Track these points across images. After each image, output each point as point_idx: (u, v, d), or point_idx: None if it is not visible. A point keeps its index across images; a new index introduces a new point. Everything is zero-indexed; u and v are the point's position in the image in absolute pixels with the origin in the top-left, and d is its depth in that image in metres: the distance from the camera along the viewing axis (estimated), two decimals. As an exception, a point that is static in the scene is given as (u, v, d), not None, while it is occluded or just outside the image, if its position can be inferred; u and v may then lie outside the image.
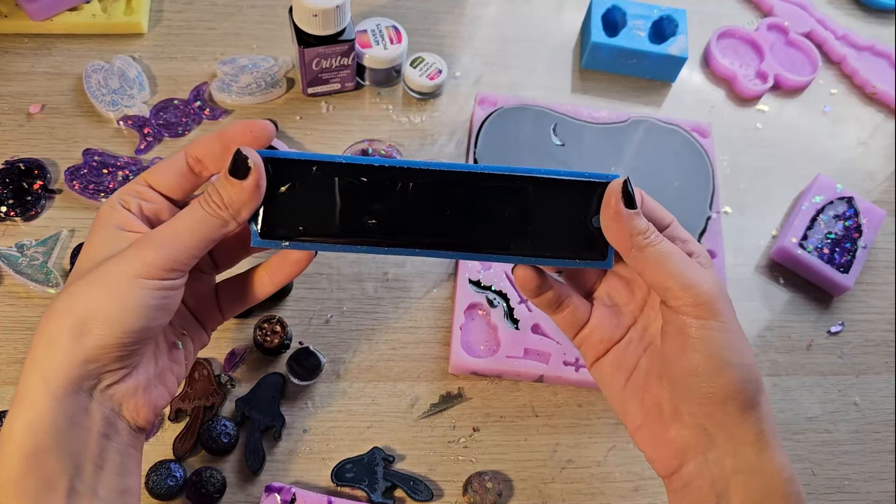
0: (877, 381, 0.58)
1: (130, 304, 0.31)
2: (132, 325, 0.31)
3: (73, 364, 0.31)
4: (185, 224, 0.33)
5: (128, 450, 0.34)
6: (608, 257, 0.35)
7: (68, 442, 0.31)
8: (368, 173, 0.33)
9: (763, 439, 0.33)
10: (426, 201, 0.34)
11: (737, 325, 0.34)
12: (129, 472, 0.34)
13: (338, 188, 0.34)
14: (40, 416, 0.30)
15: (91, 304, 0.31)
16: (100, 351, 0.31)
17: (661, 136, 0.63)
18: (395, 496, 0.49)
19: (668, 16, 0.68)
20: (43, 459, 0.30)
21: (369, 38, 0.62)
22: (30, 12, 0.61)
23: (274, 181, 0.33)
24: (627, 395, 0.37)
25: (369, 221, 0.33)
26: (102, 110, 0.59)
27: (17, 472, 0.30)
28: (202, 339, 0.39)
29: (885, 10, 0.77)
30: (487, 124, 0.61)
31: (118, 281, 0.31)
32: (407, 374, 0.53)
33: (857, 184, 0.66)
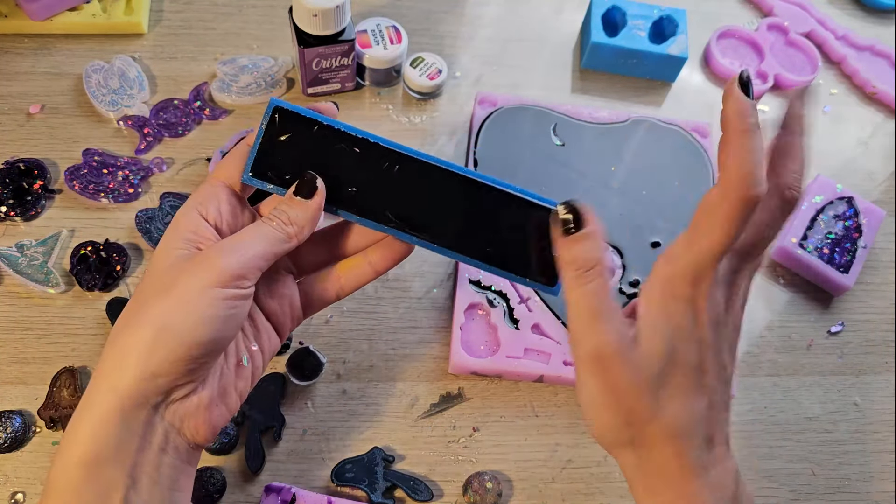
0: (877, 381, 0.58)
1: (202, 314, 0.31)
2: (202, 336, 0.32)
3: (142, 377, 0.31)
4: (252, 236, 0.34)
5: (183, 466, 0.34)
6: (556, 285, 0.37)
7: (129, 454, 0.31)
8: (362, 145, 0.36)
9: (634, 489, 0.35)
10: (404, 184, 0.36)
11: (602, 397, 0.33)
12: (180, 488, 0.34)
13: (331, 151, 0.36)
14: (105, 426, 0.31)
15: (164, 316, 0.31)
16: (170, 365, 0.31)
17: (661, 136, 0.63)
18: (395, 496, 0.49)
19: (668, 16, 0.68)
20: (102, 469, 0.31)
21: (369, 38, 0.62)
22: (30, 12, 0.61)
23: (277, 130, 0.36)
24: None
25: (349, 189, 0.36)
26: (102, 110, 0.59)
27: (77, 479, 0.31)
28: (274, 346, 0.39)
29: (885, 10, 0.77)
30: (487, 124, 0.61)
31: (190, 292, 0.32)
32: (407, 374, 0.53)
33: (857, 184, 0.66)
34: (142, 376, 0.31)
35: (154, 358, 0.31)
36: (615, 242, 0.58)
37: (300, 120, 0.36)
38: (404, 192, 0.36)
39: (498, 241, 0.36)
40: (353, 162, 0.36)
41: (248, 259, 0.33)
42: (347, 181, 0.36)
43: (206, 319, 0.32)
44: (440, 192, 0.36)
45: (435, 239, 0.36)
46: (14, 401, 0.49)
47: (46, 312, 0.52)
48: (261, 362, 0.38)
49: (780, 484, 0.53)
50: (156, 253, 0.34)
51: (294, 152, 0.36)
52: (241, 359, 0.37)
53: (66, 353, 0.50)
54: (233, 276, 0.32)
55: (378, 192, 0.36)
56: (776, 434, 0.54)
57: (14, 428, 0.47)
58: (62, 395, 0.48)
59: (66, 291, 0.53)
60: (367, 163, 0.36)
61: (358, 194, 0.36)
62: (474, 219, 0.36)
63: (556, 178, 0.60)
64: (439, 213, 0.36)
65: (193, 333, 0.31)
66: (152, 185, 0.57)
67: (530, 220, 0.36)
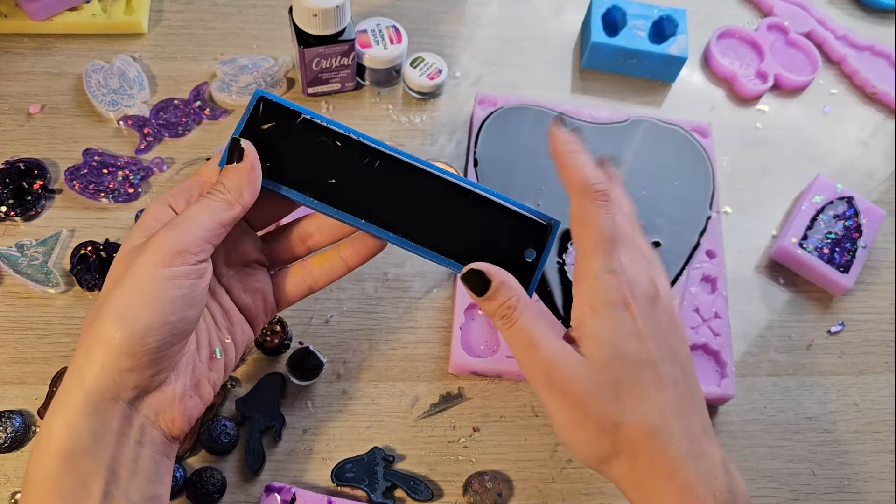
0: (877, 381, 0.58)
1: (151, 297, 0.31)
2: (155, 321, 0.31)
3: (108, 373, 0.31)
4: (194, 210, 0.34)
5: (161, 458, 0.34)
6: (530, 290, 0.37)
7: (107, 448, 0.32)
8: (343, 140, 0.37)
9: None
10: (382, 181, 0.37)
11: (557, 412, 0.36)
12: (160, 480, 0.34)
13: (312, 144, 0.37)
14: (78, 419, 0.31)
15: (119, 307, 0.31)
16: (131, 357, 0.31)
17: (661, 136, 0.63)
18: (395, 496, 0.49)
19: (668, 16, 0.68)
20: (80, 461, 0.31)
21: (369, 38, 0.62)
22: (30, 12, 0.61)
23: (260, 119, 0.37)
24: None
25: (327, 182, 0.36)
26: (102, 110, 0.59)
27: (55, 470, 0.31)
28: (248, 338, 0.39)
29: (885, 10, 0.77)
30: (487, 124, 0.61)
31: (138, 276, 0.32)
32: (407, 374, 0.53)
33: (857, 184, 0.66)
34: (108, 371, 0.31)
35: (116, 351, 0.31)
36: (615, 242, 0.58)
37: (284, 111, 0.37)
38: (381, 189, 0.37)
39: (471, 244, 0.37)
40: (333, 156, 0.37)
41: (190, 232, 0.33)
42: (325, 174, 0.37)
43: (155, 302, 0.31)
44: (417, 191, 0.37)
45: (408, 236, 0.37)
46: (14, 401, 0.49)
47: (46, 312, 0.52)
48: (234, 354, 0.38)
49: (780, 484, 0.53)
50: (121, 246, 0.35)
51: (274, 143, 0.36)
52: (213, 351, 0.37)
53: (66, 353, 0.50)
54: (176, 252, 0.32)
55: (355, 186, 0.37)
56: (776, 434, 0.54)
57: (14, 428, 0.47)
58: (62, 395, 0.48)
59: (66, 291, 0.53)
60: (346, 158, 0.37)
61: (335, 188, 0.36)
62: (449, 220, 0.37)
63: (556, 178, 0.60)
64: (414, 212, 0.37)
65: (146, 319, 0.31)
66: (152, 185, 0.57)
67: (505, 225, 0.37)
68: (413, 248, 0.37)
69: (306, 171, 0.36)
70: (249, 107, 0.37)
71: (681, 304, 0.56)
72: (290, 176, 0.36)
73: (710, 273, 0.57)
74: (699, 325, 0.55)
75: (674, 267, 0.57)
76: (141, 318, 0.31)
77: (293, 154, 0.36)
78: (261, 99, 0.37)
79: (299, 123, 0.37)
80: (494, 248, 0.37)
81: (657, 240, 0.58)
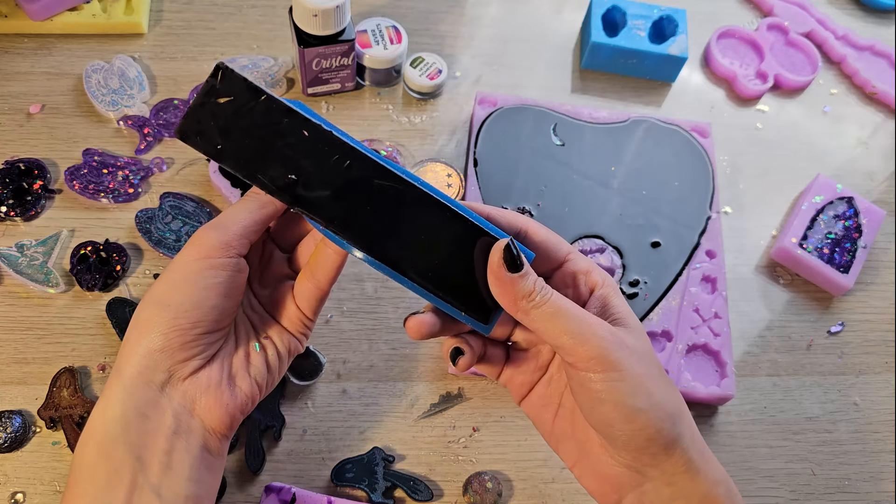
0: (877, 381, 0.58)
1: (186, 284, 0.33)
2: (187, 304, 0.33)
3: (141, 354, 0.33)
4: (233, 210, 0.35)
5: (202, 454, 0.34)
6: (490, 322, 0.34)
7: (135, 434, 0.32)
8: (312, 130, 0.33)
9: (693, 467, 0.33)
10: (350, 184, 0.33)
11: (641, 367, 0.32)
12: (199, 480, 0.33)
13: (274, 128, 0.33)
14: (112, 405, 0.32)
15: (157, 295, 0.33)
16: (163, 337, 0.32)
17: (661, 136, 0.63)
18: (395, 496, 0.49)
19: (668, 16, 0.68)
20: (112, 448, 0.32)
21: (369, 38, 0.62)
22: (30, 12, 0.61)
23: (218, 90, 0.33)
24: (558, 430, 0.37)
25: (288, 176, 0.33)
26: (102, 110, 0.59)
27: (91, 459, 0.32)
28: (294, 346, 0.39)
29: (885, 10, 0.77)
30: (487, 124, 0.61)
31: (178, 267, 0.34)
32: (407, 374, 0.53)
33: (857, 184, 0.66)
34: (141, 354, 0.33)
35: (149, 332, 0.33)
36: (615, 242, 0.58)
37: (245, 86, 0.33)
38: (348, 193, 0.33)
39: (439, 266, 0.33)
40: (298, 146, 0.33)
41: (230, 228, 0.34)
42: (287, 165, 0.33)
43: (190, 286, 0.33)
44: (388, 201, 0.33)
45: (371, 250, 0.33)
46: (14, 401, 0.49)
47: (46, 312, 0.52)
48: (275, 353, 0.38)
49: (780, 484, 0.53)
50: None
51: (231, 120, 0.33)
52: (252, 346, 0.37)
53: (66, 353, 0.50)
54: (217, 246, 0.34)
55: (320, 185, 0.33)
56: (776, 434, 0.54)
57: (14, 428, 0.47)
58: (62, 395, 0.48)
59: (66, 291, 0.53)
60: (313, 151, 0.33)
61: (298, 182, 0.33)
62: (420, 236, 0.33)
63: (557, 178, 0.60)
64: (382, 223, 0.33)
65: (179, 301, 0.33)
66: (152, 185, 0.57)
67: (477, 249, 0.34)
68: (386, 271, 0.34)
69: (264, 159, 0.33)
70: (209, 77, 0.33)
71: (681, 304, 0.56)
72: (245, 159, 0.33)
73: (710, 273, 0.57)
74: (699, 325, 0.55)
75: (674, 267, 0.57)
76: (174, 300, 0.33)
77: (254, 137, 0.33)
78: (220, 67, 0.32)
79: (262, 103, 0.33)
80: (472, 274, 0.34)
81: (657, 240, 0.58)
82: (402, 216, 0.33)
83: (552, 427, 0.37)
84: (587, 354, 0.31)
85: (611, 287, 0.35)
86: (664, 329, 0.55)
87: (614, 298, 0.35)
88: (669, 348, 0.54)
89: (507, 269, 0.32)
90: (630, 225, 0.58)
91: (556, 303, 0.32)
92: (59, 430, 0.48)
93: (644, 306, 0.56)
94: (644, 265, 0.57)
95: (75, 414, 0.48)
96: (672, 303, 0.56)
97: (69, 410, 0.48)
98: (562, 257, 0.36)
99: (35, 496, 0.46)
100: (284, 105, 0.33)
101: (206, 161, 0.59)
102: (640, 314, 0.55)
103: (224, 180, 0.56)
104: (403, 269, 0.34)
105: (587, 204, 0.59)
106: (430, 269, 0.34)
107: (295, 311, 0.39)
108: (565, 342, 0.32)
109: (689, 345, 0.55)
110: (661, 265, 0.57)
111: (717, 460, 0.35)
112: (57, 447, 0.48)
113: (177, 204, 0.56)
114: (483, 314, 0.34)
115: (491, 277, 0.33)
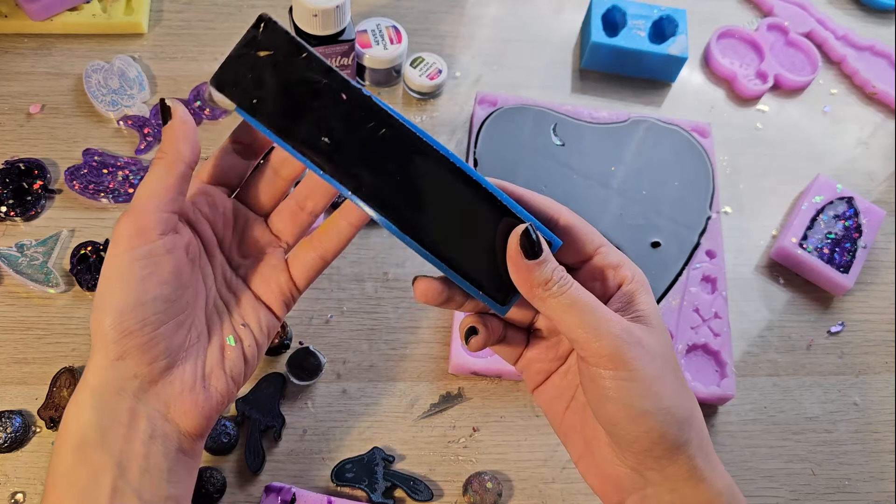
0: (877, 381, 0.58)
1: (120, 283, 0.32)
2: (128, 304, 0.31)
3: (103, 367, 0.32)
4: (140, 187, 0.33)
5: (178, 456, 0.33)
6: (507, 304, 0.34)
7: (112, 440, 0.32)
8: (351, 94, 0.32)
9: (697, 474, 0.33)
10: (384, 152, 0.32)
11: (653, 369, 0.31)
12: (178, 480, 0.33)
13: (312, 87, 0.32)
14: (84, 412, 0.32)
15: (99, 298, 0.32)
16: (117, 344, 0.31)
17: (661, 136, 0.63)
18: (395, 496, 0.49)
19: (668, 16, 0.68)
20: (90, 453, 0.31)
21: (369, 38, 0.62)
22: (30, 12, 0.61)
23: (259, 43, 0.32)
24: (567, 424, 0.36)
25: (322, 138, 0.32)
26: (102, 110, 0.59)
27: (70, 462, 0.31)
28: (269, 326, 0.37)
29: (885, 10, 0.77)
30: (487, 124, 0.61)
31: (107, 267, 0.32)
32: (407, 374, 0.53)
33: (857, 184, 0.66)
34: (102, 364, 0.32)
35: (102, 342, 0.32)
36: (615, 242, 0.58)
37: (287, 41, 0.32)
38: (380, 161, 0.32)
39: (463, 242, 0.33)
40: (335, 108, 0.32)
41: (143, 208, 0.32)
42: (320, 126, 0.32)
43: (123, 285, 0.31)
44: (419, 173, 0.33)
45: (397, 220, 0.32)
46: (14, 401, 0.49)
47: (46, 312, 0.52)
48: (253, 342, 0.36)
49: (780, 484, 0.53)
50: None
51: (269, 74, 0.32)
52: (224, 340, 0.36)
53: (66, 353, 0.50)
54: (135, 234, 0.32)
55: (352, 150, 0.32)
56: (776, 434, 0.54)
57: (14, 428, 0.47)
58: (62, 395, 0.48)
59: (66, 291, 0.53)
60: (350, 115, 0.32)
61: (330, 146, 0.32)
62: (447, 212, 0.33)
63: (556, 178, 0.60)
64: (411, 194, 0.33)
65: (118, 304, 0.31)
66: (152, 185, 0.57)
67: (500, 230, 0.33)
68: (409, 243, 0.33)
69: (304, 120, 0.32)
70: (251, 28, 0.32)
71: (681, 304, 0.56)
72: (278, 116, 0.32)
73: (710, 273, 0.57)
74: (699, 325, 0.55)
75: (674, 267, 0.57)
76: (113, 304, 0.31)
77: (291, 95, 0.32)
78: (263, 19, 0.32)
79: (303, 60, 0.32)
80: (495, 255, 0.33)
81: (657, 240, 0.58)
82: (432, 189, 0.33)
83: (562, 419, 0.37)
84: (600, 351, 0.31)
85: (640, 283, 0.34)
86: (664, 329, 0.55)
87: (641, 295, 0.34)
88: (669, 348, 0.54)
89: (523, 256, 0.31)
90: (630, 225, 0.58)
91: (573, 294, 0.31)
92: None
93: (644, 306, 0.56)
94: (644, 265, 0.57)
95: (75, 414, 0.48)
96: (672, 303, 0.56)
97: (69, 410, 0.48)
98: (592, 250, 0.35)
99: (35, 496, 0.46)
100: (326, 65, 0.32)
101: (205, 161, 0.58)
102: (640, 314, 0.55)
103: (224, 180, 0.56)
104: (429, 242, 0.33)
105: (587, 204, 0.59)
106: (454, 244, 0.33)
107: (286, 280, 0.37)
108: (579, 335, 0.31)
109: (689, 345, 0.55)
110: (661, 265, 0.57)
111: (723, 467, 0.34)
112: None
113: (177, 204, 0.56)
114: (501, 295, 0.34)
115: (509, 261, 0.32)
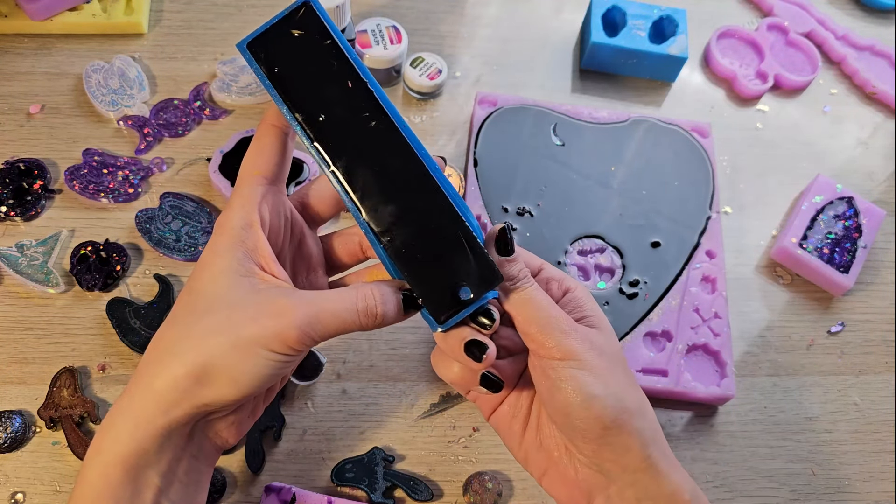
0: (877, 381, 0.58)
1: (255, 371, 0.31)
2: (251, 388, 0.32)
3: (192, 404, 0.31)
4: (334, 309, 0.32)
5: (207, 469, 0.35)
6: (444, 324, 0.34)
7: (166, 461, 0.32)
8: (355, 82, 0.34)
9: (653, 465, 0.34)
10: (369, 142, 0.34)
11: (602, 361, 0.34)
12: (202, 488, 0.35)
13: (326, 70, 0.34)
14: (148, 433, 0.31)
15: (216, 359, 0.31)
16: (217, 405, 0.32)
17: (661, 136, 0.63)
18: (395, 496, 0.49)
19: (668, 16, 0.68)
20: (142, 472, 0.32)
21: (369, 38, 0.62)
22: (30, 12, 0.61)
23: (295, 23, 0.34)
24: (527, 442, 0.37)
25: (320, 117, 0.34)
26: (102, 110, 0.59)
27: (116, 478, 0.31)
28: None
29: (885, 10, 0.77)
30: (487, 124, 0.61)
31: (249, 347, 0.31)
32: (407, 374, 0.53)
33: (857, 184, 0.66)
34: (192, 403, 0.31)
35: (202, 391, 0.31)
36: (615, 242, 0.58)
37: (320, 28, 0.34)
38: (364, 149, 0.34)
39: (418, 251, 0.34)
40: (340, 93, 0.34)
41: (320, 333, 0.32)
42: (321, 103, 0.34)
43: (258, 376, 0.31)
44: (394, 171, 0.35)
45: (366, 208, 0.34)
46: (14, 401, 0.49)
47: (46, 312, 0.52)
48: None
49: (780, 484, 0.53)
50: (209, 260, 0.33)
51: (295, 51, 0.34)
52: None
53: (66, 353, 0.50)
54: (298, 349, 0.32)
55: (341, 130, 0.34)
56: (776, 434, 0.54)
57: (14, 428, 0.47)
58: (62, 395, 0.48)
59: (66, 291, 0.53)
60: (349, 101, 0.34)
61: (324, 122, 0.34)
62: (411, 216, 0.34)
63: (556, 178, 0.60)
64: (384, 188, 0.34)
65: (244, 385, 0.31)
66: (152, 185, 0.57)
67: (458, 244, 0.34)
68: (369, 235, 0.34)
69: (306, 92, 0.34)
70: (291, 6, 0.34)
71: (681, 304, 0.56)
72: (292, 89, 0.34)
73: (710, 273, 0.57)
74: (699, 325, 0.55)
75: (674, 267, 0.57)
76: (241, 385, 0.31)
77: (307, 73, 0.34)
78: (307, 4, 0.34)
79: (326, 46, 0.34)
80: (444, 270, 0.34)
81: (657, 240, 0.58)
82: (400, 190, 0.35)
83: (521, 440, 0.38)
84: (548, 342, 0.34)
85: (584, 292, 0.37)
86: (664, 329, 0.55)
87: (589, 303, 0.37)
88: (669, 348, 0.54)
89: (496, 252, 0.34)
90: (630, 225, 0.58)
91: (531, 292, 0.34)
92: (58, 430, 0.48)
93: (644, 306, 0.56)
94: (644, 265, 0.57)
95: (75, 414, 0.48)
96: (672, 303, 0.56)
97: (69, 410, 0.48)
98: (535, 269, 0.37)
99: (35, 496, 0.46)
100: (342, 53, 0.34)
101: (205, 160, 0.59)
102: (640, 314, 0.55)
103: (224, 180, 0.56)
104: (385, 241, 0.34)
105: (587, 204, 0.59)
106: (410, 251, 0.34)
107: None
108: (532, 329, 0.34)
109: (689, 345, 0.55)
110: (661, 265, 0.57)
111: (685, 472, 0.35)
112: (57, 447, 0.48)
113: (177, 204, 0.56)
114: (439, 312, 0.34)
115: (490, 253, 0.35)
